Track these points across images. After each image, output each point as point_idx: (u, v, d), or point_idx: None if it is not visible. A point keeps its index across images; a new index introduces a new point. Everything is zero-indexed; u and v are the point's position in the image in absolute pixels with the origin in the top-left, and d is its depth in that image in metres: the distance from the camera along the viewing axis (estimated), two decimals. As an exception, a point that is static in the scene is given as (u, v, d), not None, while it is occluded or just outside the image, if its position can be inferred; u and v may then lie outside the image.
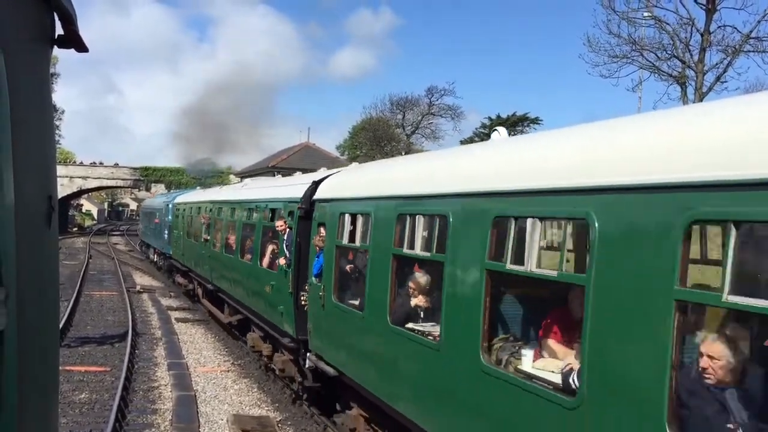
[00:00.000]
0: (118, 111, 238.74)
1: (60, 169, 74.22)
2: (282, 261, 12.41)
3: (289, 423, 12.07)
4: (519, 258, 5.40)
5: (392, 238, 7.81)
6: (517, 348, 6.01)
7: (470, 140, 50.98)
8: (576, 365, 4.93)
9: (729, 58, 27.67)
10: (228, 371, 15.71)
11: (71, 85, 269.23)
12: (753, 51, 27.87)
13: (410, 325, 7.62)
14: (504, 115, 56.89)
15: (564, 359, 5.49)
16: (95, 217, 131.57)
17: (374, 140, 60.16)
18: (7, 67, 1.60)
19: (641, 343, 4.12)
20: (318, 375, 10.96)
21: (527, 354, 5.86)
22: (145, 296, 27.91)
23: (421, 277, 8.00)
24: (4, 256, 1.62)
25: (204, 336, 19.95)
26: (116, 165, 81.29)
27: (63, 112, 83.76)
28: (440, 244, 6.78)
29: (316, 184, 11.33)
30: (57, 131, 75.25)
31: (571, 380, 4.93)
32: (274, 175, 37.71)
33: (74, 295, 25.02)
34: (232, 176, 73.73)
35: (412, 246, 7.38)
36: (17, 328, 1.68)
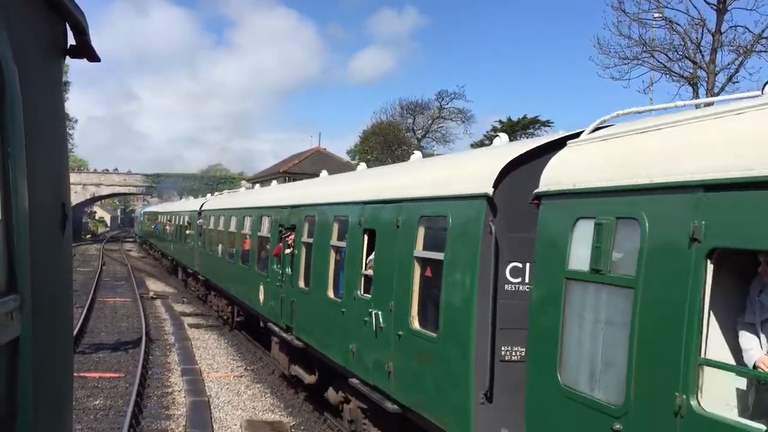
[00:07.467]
0: (135, 116, 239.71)
1: (73, 177, 74.77)
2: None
3: (302, 428, 12.08)
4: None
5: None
6: None
7: (481, 143, 50.80)
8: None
9: (741, 59, 27.44)
10: (241, 376, 15.75)
11: (91, 92, 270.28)
12: (765, 51, 27.62)
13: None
14: (515, 118, 56.60)
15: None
16: (108, 223, 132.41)
17: (385, 144, 60.01)
18: (20, 77, 1.62)
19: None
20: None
21: None
22: (158, 302, 28.04)
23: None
24: (19, 263, 1.63)
25: (217, 341, 20.02)
26: (129, 172, 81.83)
27: (76, 120, 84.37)
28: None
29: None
30: (70, 139, 75.85)
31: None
32: (285, 181, 40.26)
33: (88, 301, 25.19)
34: (243, 182, 73.90)
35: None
36: (31, 335, 1.70)
